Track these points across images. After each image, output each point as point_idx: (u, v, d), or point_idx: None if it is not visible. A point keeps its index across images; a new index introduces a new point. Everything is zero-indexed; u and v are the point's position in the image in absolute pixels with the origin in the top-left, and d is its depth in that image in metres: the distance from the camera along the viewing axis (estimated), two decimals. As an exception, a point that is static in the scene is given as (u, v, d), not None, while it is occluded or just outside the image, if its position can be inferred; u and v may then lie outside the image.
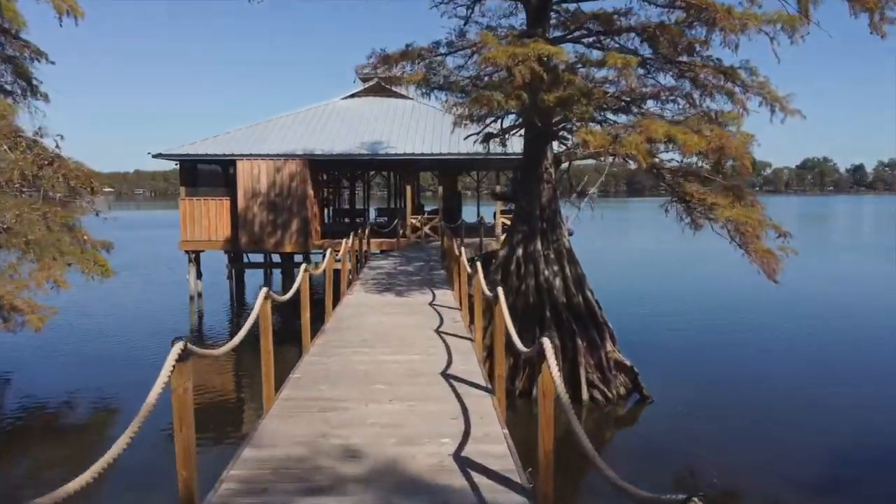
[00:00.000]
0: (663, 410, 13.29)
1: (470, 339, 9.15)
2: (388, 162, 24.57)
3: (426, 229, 24.79)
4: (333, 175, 33.49)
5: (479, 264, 11.59)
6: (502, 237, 24.56)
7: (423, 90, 16.21)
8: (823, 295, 26.61)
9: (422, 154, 23.89)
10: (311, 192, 24.36)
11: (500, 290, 7.93)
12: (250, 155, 24.09)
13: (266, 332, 6.94)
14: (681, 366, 16.09)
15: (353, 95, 29.03)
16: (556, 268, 14.64)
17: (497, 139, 15.61)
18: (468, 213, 35.18)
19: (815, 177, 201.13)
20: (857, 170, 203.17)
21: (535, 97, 12.16)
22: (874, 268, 36.09)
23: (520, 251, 14.87)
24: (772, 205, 17.82)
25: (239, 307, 25.39)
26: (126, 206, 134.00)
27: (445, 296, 13.05)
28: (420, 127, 26.06)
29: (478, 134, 15.74)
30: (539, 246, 14.71)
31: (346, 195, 38.70)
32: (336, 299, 12.96)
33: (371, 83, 29.04)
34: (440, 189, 25.26)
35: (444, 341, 9.02)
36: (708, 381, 14.93)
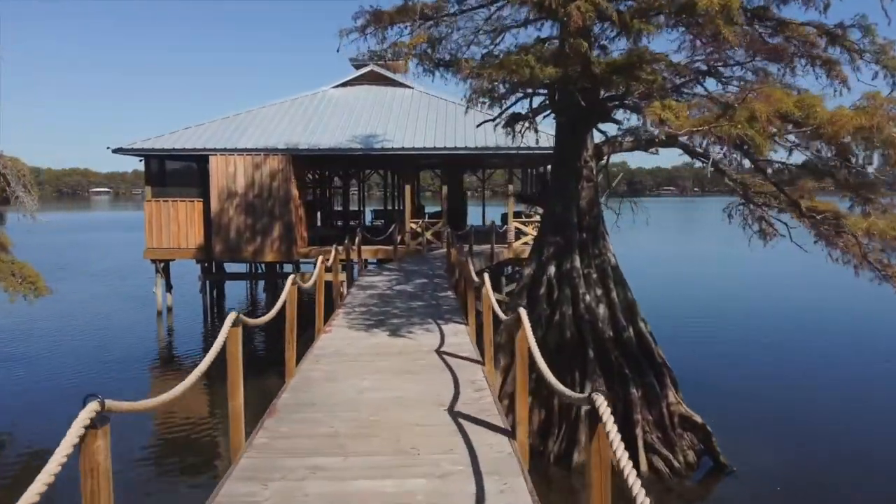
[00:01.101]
0: (750, 486, 9.75)
1: (507, 435, 5.50)
2: (385, 158, 21.08)
3: (428, 235, 21.22)
4: (324, 174, 29.87)
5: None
6: (515, 243, 21.02)
7: (426, 66, 12.67)
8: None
9: (423, 149, 20.32)
10: (295, 192, 20.80)
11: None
12: (225, 150, 20.53)
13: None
14: (766, 419, 12.27)
15: (345, 84, 25.44)
16: (599, 291, 11.09)
17: (526, 123, 11.96)
18: (472, 215, 31.79)
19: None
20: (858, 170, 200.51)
21: (584, 61, 8.61)
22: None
23: (551, 270, 11.31)
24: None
25: (215, 324, 21.81)
26: (125, 206, 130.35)
27: (458, 335, 9.35)
28: (422, 118, 22.49)
29: (498, 117, 12.13)
30: (577, 263, 11.15)
31: (339, 196, 35.09)
32: (309, 338, 9.41)
33: (366, 70, 25.47)
34: (444, 189, 21.71)
35: (466, 438, 5.40)
36: (806, 442, 11.31)
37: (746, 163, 10.76)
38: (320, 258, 12.07)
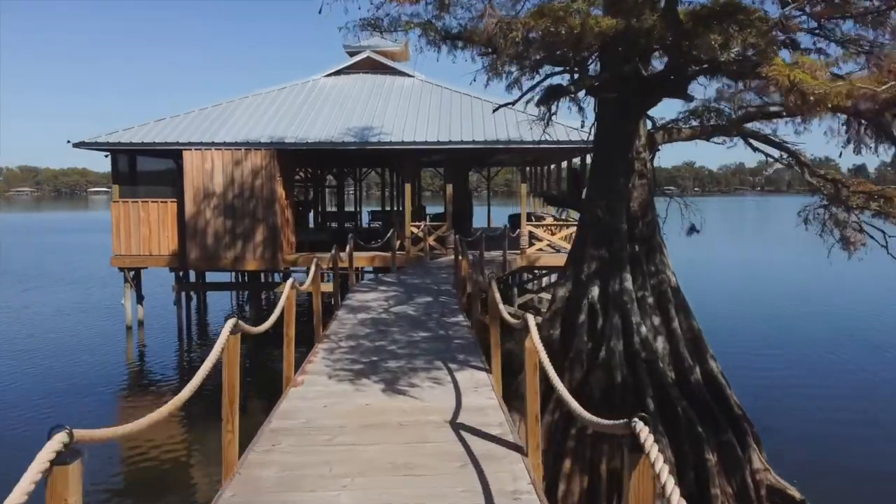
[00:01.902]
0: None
1: None
2: (382, 153, 18.50)
3: (431, 241, 18.58)
4: (316, 171, 27.20)
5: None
6: (529, 250, 18.40)
7: (431, 37, 10.15)
8: None
9: (425, 143, 17.70)
10: (281, 191, 18.17)
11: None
12: (201, 144, 17.90)
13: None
14: (882, 488, 9.29)
15: (338, 72, 22.79)
16: (657, 320, 8.49)
17: (569, 98, 9.31)
18: (476, 217, 29.17)
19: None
20: (860, 170, 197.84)
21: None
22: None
23: (594, 292, 8.70)
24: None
25: (192, 341, 19.19)
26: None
27: (479, 391, 6.46)
28: (424, 110, 19.86)
29: (530, 91, 9.49)
30: (629, 283, 8.53)
31: (333, 196, 32.41)
32: (278, 389, 6.77)
33: (361, 57, 22.83)
34: (449, 188, 19.08)
35: None
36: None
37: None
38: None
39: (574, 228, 18.99)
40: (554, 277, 20.70)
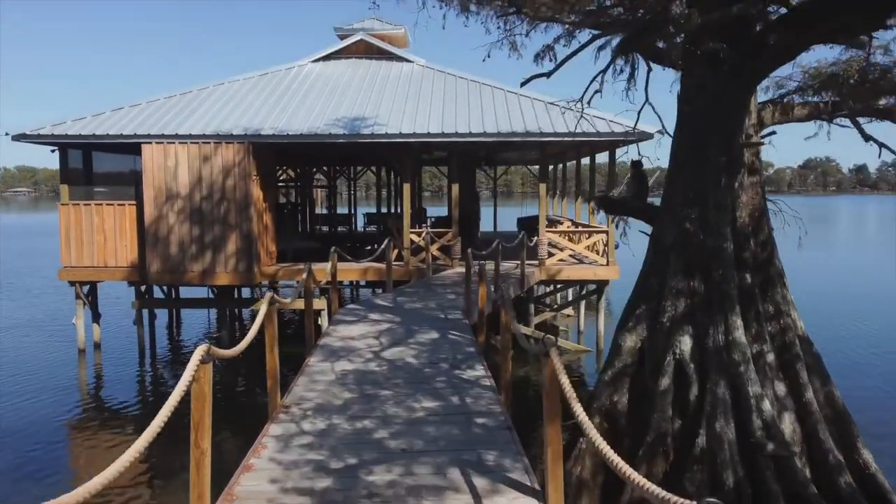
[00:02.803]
0: None
1: None
2: (377, 147, 15.58)
3: (434, 250, 15.65)
4: (304, 169, 24.21)
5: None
6: (548, 261, 15.48)
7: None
8: None
9: (427, 135, 14.78)
10: (257, 192, 15.25)
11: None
12: (163, 136, 14.96)
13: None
14: None
15: (327, 57, 19.86)
16: (782, 389, 5.53)
17: (659, 41, 6.36)
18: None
19: (817, 177, 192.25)
20: (860, 170, 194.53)
21: None
22: None
23: (683, 344, 5.77)
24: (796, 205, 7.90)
25: (158, 366, 16.23)
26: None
27: None
28: (426, 98, 16.93)
29: (569, 59, 6.55)
30: (739, 332, 5.60)
31: (327, 197, 29.42)
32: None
33: (354, 40, 19.89)
34: (454, 188, 16.13)
35: None
36: None
37: None
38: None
39: (601, 235, 16.14)
40: (570, 292, 17.95)
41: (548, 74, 7.85)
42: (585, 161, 20.30)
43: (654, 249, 6.57)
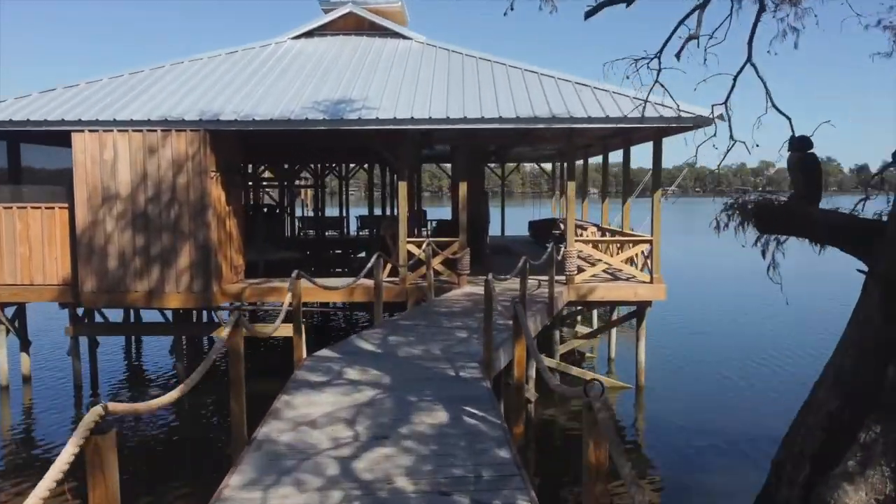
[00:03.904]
0: None
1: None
2: (367, 136, 12.46)
3: (437, 264, 12.50)
4: (285, 166, 20.97)
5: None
6: (578, 278, 12.37)
7: None
8: None
9: (429, 121, 11.63)
10: (217, 191, 12.13)
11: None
12: (97, 123, 11.82)
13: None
14: None
15: (310, 33, 16.69)
16: None
17: None
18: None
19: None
20: (861, 170, 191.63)
21: None
22: None
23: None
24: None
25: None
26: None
27: None
28: (426, 78, 13.77)
29: None
30: None
31: (318, 198, 26.16)
32: None
33: (342, 13, 16.71)
34: (462, 188, 12.93)
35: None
36: None
37: None
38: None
39: (643, 246, 12.99)
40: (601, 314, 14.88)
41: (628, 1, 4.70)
42: (608, 158, 17.14)
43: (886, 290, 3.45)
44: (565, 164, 23.71)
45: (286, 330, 12.19)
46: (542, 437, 10.77)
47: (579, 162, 24.04)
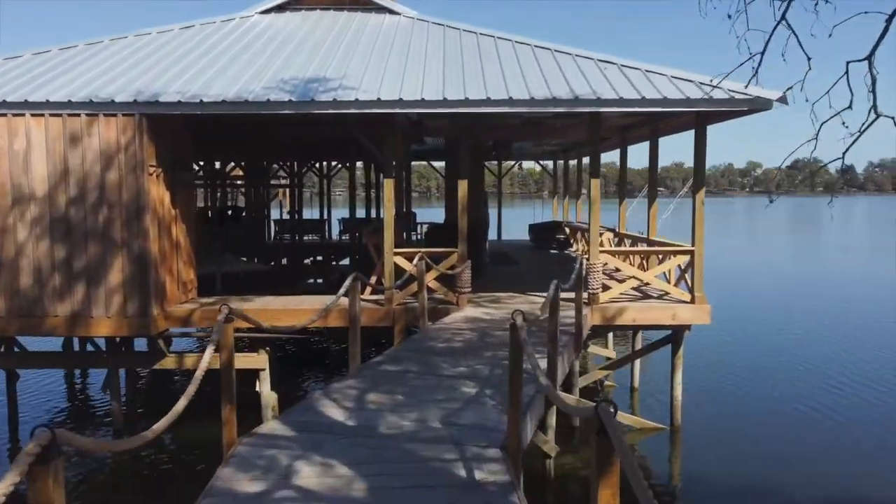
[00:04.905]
0: None
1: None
2: (345, 122, 10.05)
3: (431, 280, 10.06)
4: (253, 162, 18.43)
5: None
6: (604, 296, 10.01)
7: None
8: None
9: (421, 103, 9.21)
10: (158, 191, 9.66)
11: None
12: (5, 105, 9.32)
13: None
14: None
15: (282, 7, 14.19)
16: None
17: None
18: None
19: (805, 177, 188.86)
20: (848, 170, 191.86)
21: None
22: None
23: None
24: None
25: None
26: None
27: None
28: (418, 56, 11.35)
29: None
30: None
31: (304, 199, 23.58)
32: None
33: (319, -17, 14.23)
34: (462, 186, 10.49)
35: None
36: None
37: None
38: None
39: (683, 258, 10.63)
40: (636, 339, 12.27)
41: None
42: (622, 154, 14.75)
43: None
44: (584, 159, 21.44)
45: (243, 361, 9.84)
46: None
47: (573, 161, 21.72)
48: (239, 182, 20.23)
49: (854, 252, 39.08)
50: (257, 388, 10.10)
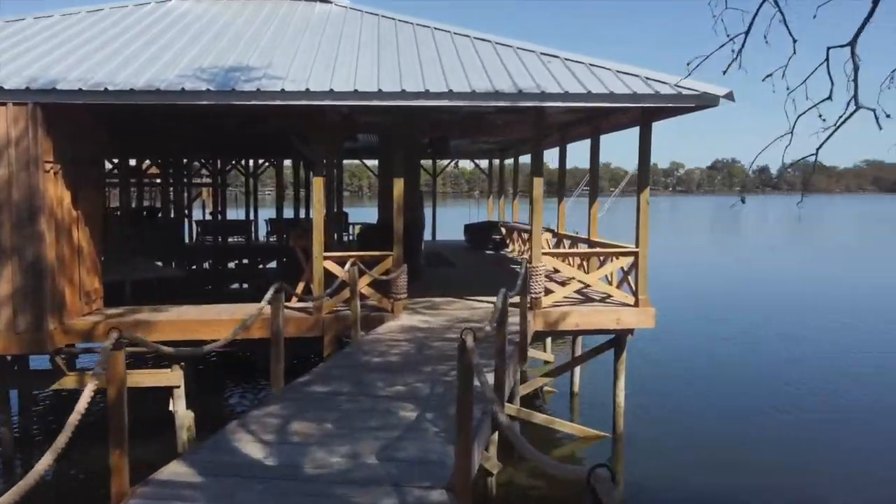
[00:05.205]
0: None
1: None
2: (269, 114, 9.20)
3: (364, 286, 9.32)
4: (169, 159, 17.22)
5: None
6: (546, 301, 9.53)
7: None
8: None
9: (355, 94, 8.46)
10: (56, 190, 8.60)
11: None
12: None
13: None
14: None
15: (203, -9, 13.13)
16: None
17: None
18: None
19: (724, 178, 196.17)
20: (763, 171, 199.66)
21: None
22: None
23: None
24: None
25: None
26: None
27: None
28: (351, 46, 10.57)
29: None
30: None
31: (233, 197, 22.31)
32: None
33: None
34: (397, 185, 9.77)
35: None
36: None
37: None
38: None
39: (626, 259, 10.25)
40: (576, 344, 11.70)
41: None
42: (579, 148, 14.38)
43: None
44: (521, 158, 21.03)
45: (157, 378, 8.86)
46: None
47: (509, 161, 21.36)
48: (158, 181, 18.86)
49: (781, 251, 40.38)
50: (171, 408, 9.16)
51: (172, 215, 17.27)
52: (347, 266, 8.60)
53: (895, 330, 18.04)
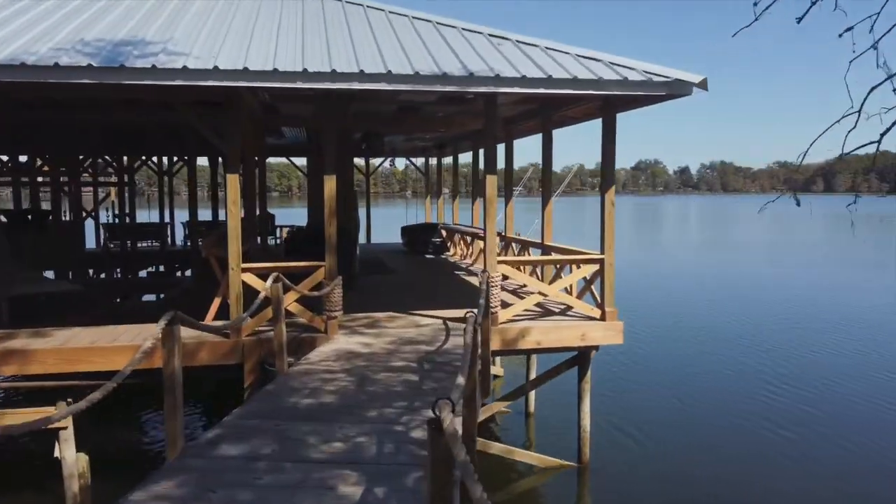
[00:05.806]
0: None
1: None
2: (173, 97, 7.56)
3: (291, 303, 7.78)
4: (61, 157, 15.09)
5: None
6: (503, 315, 8.25)
7: None
8: None
9: (275, 75, 6.92)
10: None
11: None
12: None
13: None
14: None
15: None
16: None
17: None
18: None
19: (647, 178, 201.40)
20: (684, 171, 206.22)
21: None
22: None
23: None
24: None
25: None
26: None
27: None
28: (270, 22, 8.97)
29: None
30: None
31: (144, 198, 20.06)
32: None
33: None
34: (329, 183, 8.31)
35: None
36: None
37: None
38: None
39: (591, 267, 9.08)
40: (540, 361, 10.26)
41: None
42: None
43: None
44: (460, 156, 19.65)
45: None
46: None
47: (440, 159, 20.10)
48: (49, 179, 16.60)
49: (724, 250, 40.64)
50: (56, 454, 7.39)
51: (69, 218, 15.12)
52: (270, 281, 7.06)
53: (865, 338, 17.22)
